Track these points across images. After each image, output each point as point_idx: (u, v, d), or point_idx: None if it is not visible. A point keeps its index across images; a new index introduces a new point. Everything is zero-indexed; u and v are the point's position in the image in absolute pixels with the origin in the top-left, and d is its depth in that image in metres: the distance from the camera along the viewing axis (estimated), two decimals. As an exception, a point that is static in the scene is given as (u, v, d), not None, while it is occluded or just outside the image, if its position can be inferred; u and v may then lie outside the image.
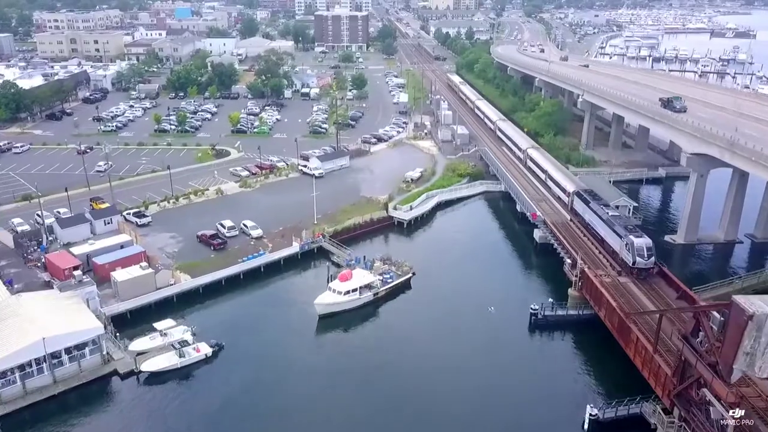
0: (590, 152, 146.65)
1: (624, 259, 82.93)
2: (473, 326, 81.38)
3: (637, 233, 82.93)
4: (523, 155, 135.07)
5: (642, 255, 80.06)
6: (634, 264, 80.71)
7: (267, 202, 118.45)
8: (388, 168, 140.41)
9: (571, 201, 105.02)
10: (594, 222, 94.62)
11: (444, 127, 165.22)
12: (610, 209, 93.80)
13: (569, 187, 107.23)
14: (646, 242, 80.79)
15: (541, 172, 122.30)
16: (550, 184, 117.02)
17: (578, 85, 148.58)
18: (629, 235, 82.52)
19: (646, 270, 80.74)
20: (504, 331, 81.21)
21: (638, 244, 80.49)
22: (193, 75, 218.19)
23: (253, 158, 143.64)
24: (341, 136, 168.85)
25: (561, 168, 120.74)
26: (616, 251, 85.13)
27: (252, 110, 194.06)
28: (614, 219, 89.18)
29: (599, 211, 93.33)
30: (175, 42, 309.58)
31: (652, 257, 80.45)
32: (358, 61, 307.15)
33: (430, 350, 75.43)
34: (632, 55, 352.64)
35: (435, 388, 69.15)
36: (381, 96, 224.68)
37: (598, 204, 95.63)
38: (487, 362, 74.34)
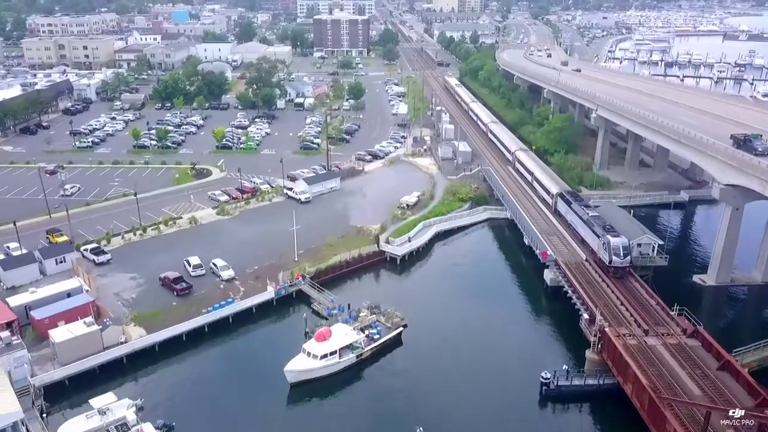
0: (604, 172, 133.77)
1: (601, 258, 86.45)
2: (474, 396, 68.68)
3: (614, 233, 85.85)
4: (512, 157, 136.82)
5: (618, 254, 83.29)
6: (611, 263, 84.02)
7: (244, 234, 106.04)
8: (383, 190, 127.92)
9: (555, 202, 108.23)
10: (575, 222, 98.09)
11: (445, 143, 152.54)
12: (590, 210, 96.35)
13: (553, 188, 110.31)
14: (622, 242, 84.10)
15: (528, 174, 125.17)
16: (536, 186, 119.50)
17: (591, 99, 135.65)
18: (606, 234, 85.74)
19: (622, 269, 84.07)
20: (510, 404, 68.40)
21: (614, 243, 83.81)
22: (181, 84, 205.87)
23: (237, 178, 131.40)
24: (334, 152, 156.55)
25: (547, 170, 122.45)
26: (595, 250, 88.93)
27: (241, 123, 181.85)
28: (593, 219, 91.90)
29: (580, 212, 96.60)
30: (167, 48, 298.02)
31: (627, 256, 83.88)
32: (358, 67, 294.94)
33: (423, 425, 62.54)
34: (643, 59, 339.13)
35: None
36: (380, 106, 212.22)
37: (579, 205, 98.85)
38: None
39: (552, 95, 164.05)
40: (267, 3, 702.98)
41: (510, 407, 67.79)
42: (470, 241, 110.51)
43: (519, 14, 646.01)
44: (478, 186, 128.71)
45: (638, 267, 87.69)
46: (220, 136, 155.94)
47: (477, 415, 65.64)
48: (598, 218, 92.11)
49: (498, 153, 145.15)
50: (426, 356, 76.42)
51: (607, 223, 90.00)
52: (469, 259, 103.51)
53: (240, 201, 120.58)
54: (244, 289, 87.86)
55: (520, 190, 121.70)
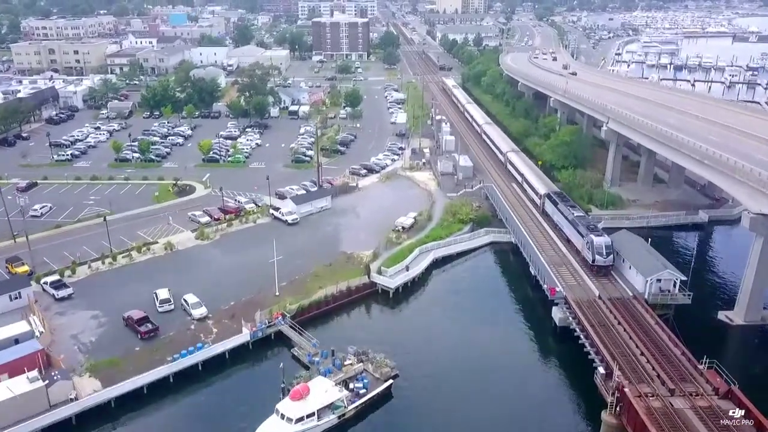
0: (616, 189, 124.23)
1: (585, 257, 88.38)
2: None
3: (598, 232, 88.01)
4: (504, 159, 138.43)
5: (601, 253, 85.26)
6: (594, 261, 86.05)
7: (223, 263, 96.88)
8: (377, 209, 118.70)
9: (543, 203, 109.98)
10: (561, 223, 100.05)
11: (444, 156, 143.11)
12: (576, 210, 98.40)
13: (541, 189, 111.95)
14: (605, 241, 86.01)
15: (519, 175, 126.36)
16: (525, 187, 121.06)
17: (602, 111, 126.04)
18: (590, 234, 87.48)
19: (605, 267, 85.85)
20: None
21: (597, 242, 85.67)
22: (170, 91, 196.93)
23: (223, 195, 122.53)
24: (328, 165, 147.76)
25: (536, 172, 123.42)
26: (579, 250, 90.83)
27: (231, 133, 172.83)
28: (578, 219, 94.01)
29: (565, 212, 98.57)
30: (161, 52, 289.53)
31: (610, 255, 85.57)
32: (357, 72, 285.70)
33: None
34: (652, 62, 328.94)
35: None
36: (378, 114, 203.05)
37: (565, 205, 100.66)
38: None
39: (559, 104, 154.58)
40: (268, 4, 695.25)
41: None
42: (471, 269, 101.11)
43: (523, 15, 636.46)
44: (479, 205, 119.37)
45: (658, 305, 78.39)
46: (206, 149, 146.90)
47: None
48: (583, 218, 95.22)
49: (503, 170, 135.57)
50: (418, 412, 67.20)
51: (591, 223, 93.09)
52: (469, 290, 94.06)
53: (223, 222, 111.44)
54: (217, 330, 78.73)
55: (525, 211, 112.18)
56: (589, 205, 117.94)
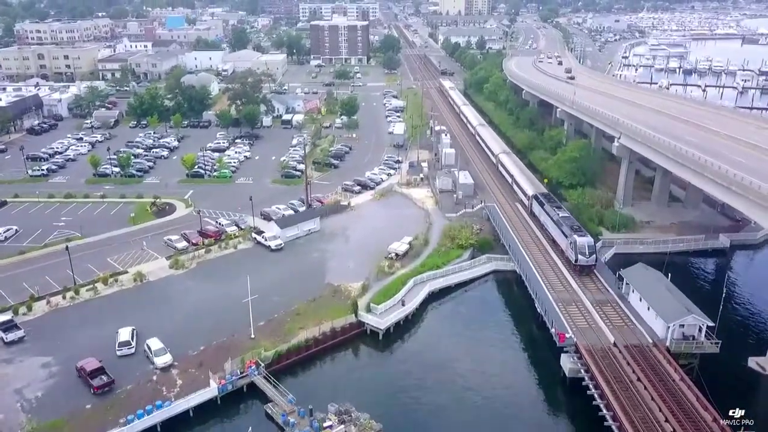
0: (628, 209, 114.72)
1: (568, 257, 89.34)
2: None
3: (581, 233, 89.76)
4: (495, 160, 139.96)
5: (583, 253, 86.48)
6: (576, 261, 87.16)
7: (197, 297, 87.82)
8: (370, 232, 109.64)
9: (530, 204, 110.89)
10: (547, 223, 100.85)
11: (444, 172, 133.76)
12: (561, 211, 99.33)
13: (529, 191, 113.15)
14: (588, 241, 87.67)
15: (509, 176, 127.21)
16: (515, 188, 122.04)
17: (613, 125, 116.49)
18: (573, 234, 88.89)
19: (588, 267, 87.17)
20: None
21: (580, 242, 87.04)
22: (158, 99, 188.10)
23: (205, 215, 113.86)
24: (320, 180, 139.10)
25: (526, 173, 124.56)
26: (563, 250, 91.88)
27: (219, 145, 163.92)
28: (563, 220, 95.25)
29: (551, 213, 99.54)
30: (153, 56, 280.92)
31: (593, 255, 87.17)
32: (356, 77, 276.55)
33: None
34: (660, 66, 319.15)
35: None
36: (375, 123, 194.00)
37: (551, 206, 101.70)
38: None
39: (566, 115, 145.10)
40: (270, 6, 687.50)
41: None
42: (470, 304, 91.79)
43: (528, 17, 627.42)
44: (480, 227, 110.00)
45: (681, 354, 69.05)
46: (189, 164, 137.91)
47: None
48: (568, 219, 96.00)
49: (506, 188, 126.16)
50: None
51: (575, 223, 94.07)
52: (467, 330, 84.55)
53: (201, 247, 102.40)
54: (181, 381, 69.68)
55: (530, 236, 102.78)
56: (599, 227, 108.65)
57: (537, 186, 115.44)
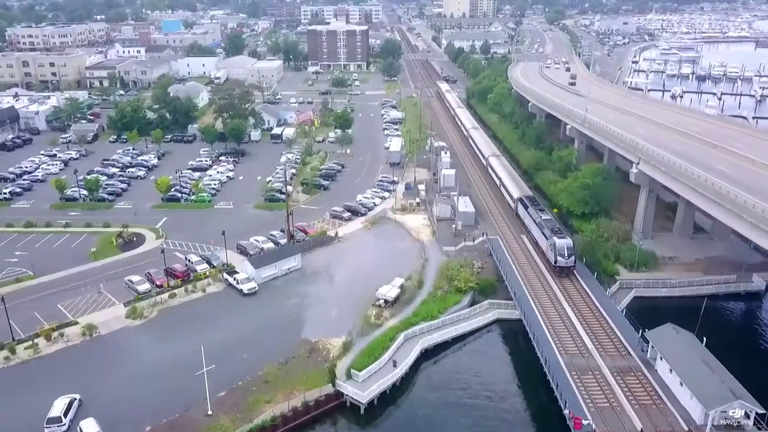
0: (648, 243, 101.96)
1: (549, 258, 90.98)
2: None
3: (561, 235, 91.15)
4: (485, 162, 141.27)
5: (563, 254, 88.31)
6: (556, 263, 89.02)
7: (152, 356, 75.92)
8: (357, 270, 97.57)
9: (516, 207, 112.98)
10: (531, 226, 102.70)
11: (442, 198, 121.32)
12: (543, 214, 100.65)
13: (515, 193, 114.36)
14: (567, 243, 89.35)
15: (497, 178, 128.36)
16: (503, 191, 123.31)
17: (631, 149, 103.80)
18: (553, 236, 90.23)
19: (567, 268, 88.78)
20: None
21: (559, 244, 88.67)
22: (140, 112, 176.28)
23: (178, 248, 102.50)
24: (308, 204, 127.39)
25: (513, 176, 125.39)
26: (544, 251, 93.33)
27: (201, 163, 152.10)
28: (545, 222, 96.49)
29: (534, 216, 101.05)
30: (143, 63, 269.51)
31: (572, 257, 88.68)
32: (354, 84, 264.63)
33: None
34: (672, 72, 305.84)
35: None
36: (372, 136, 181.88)
37: (534, 209, 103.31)
38: None
39: (576, 132, 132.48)
40: (271, 8, 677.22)
41: None
42: (470, 364, 79.28)
43: (534, 18, 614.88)
44: (482, 265, 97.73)
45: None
46: (164, 188, 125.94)
47: None
48: (550, 221, 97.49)
49: (511, 217, 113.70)
50: None
51: (556, 226, 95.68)
52: (467, 398, 72.12)
53: (165, 290, 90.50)
54: (117, 478, 57.63)
55: (538, 279, 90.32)
56: (616, 265, 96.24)
57: (523, 189, 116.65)
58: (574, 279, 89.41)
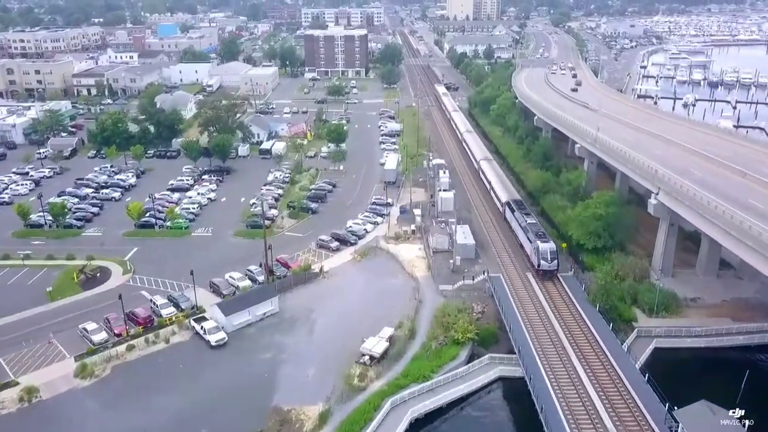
0: (668, 282, 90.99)
1: (532, 262, 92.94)
2: None
3: (545, 239, 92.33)
4: (477, 166, 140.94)
5: (545, 258, 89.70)
6: (539, 266, 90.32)
7: (98, 430, 65.19)
8: (342, 315, 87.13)
9: (504, 211, 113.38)
10: (516, 229, 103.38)
11: (439, 228, 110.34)
12: (529, 218, 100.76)
13: (503, 197, 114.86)
14: (551, 247, 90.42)
15: (487, 182, 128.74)
16: (492, 195, 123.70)
17: (650, 178, 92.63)
18: (537, 240, 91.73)
19: (550, 271, 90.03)
20: None
21: (543, 248, 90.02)
22: (122, 125, 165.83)
23: (148, 284, 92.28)
24: (293, 230, 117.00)
25: (503, 180, 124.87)
26: (528, 255, 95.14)
27: (181, 183, 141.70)
28: (529, 226, 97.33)
29: (519, 219, 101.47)
30: (132, 70, 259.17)
31: (555, 260, 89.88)
32: (352, 92, 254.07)
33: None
34: (683, 78, 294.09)
35: None
36: (367, 150, 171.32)
37: (520, 213, 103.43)
38: None
39: (586, 152, 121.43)
40: (272, 11, 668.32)
41: None
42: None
43: (538, 20, 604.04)
44: (483, 309, 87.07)
45: None
46: (136, 214, 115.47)
47: None
48: (535, 225, 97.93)
49: (518, 252, 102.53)
50: None
51: (540, 230, 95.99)
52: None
53: (124, 341, 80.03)
54: None
55: (546, 330, 79.23)
56: (633, 309, 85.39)
57: (511, 193, 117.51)
58: (586, 329, 78.48)
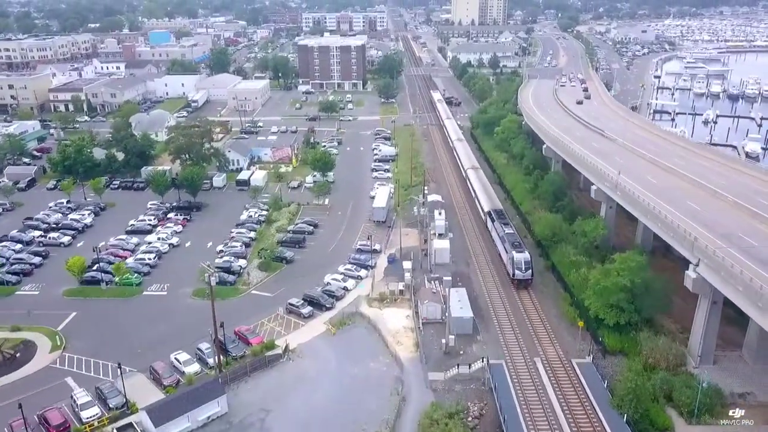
0: (708, 371, 73.52)
1: (508, 271, 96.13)
2: None
3: (520, 249, 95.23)
4: (464, 174, 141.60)
5: (520, 268, 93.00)
6: (514, 276, 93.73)
7: None
8: (304, 423, 69.80)
9: (486, 220, 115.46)
10: (496, 239, 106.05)
11: (431, 293, 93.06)
12: (507, 228, 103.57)
13: (485, 206, 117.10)
14: (525, 257, 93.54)
15: (473, 191, 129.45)
16: (476, 204, 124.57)
17: (689, 247, 74.86)
18: (513, 250, 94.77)
19: (524, 281, 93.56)
20: None
21: (517, 258, 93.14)
22: (86, 152, 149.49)
23: (74, 370, 76.56)
24: (261, 288, 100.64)
25: (487, 189, 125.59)
26: (505, 264, 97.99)
27: (144, 224, 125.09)
28: (507, 236, 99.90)
29: (498, 229, 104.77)
30: (113, 84, 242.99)
31: (529, 270, 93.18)
32: (347, 107, 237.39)
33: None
34: (700, 90, 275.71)
35: None
36: (357, 179, 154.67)
37: (499, 223, 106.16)
38: None
39: (604, 196, 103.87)
40: (274, 15, 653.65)
41: None
42: None
43: (546, 24, 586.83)
44: (481, 411, 70.13)
45: None
46: (77, 269, 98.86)
47: None
48: (512, 235, 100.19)
49: (524, 330, 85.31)
50: None
51: (517, 240, 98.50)
52: None
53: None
54: None
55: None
56: (668, 411, 68.13)
57: (494, 203, 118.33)
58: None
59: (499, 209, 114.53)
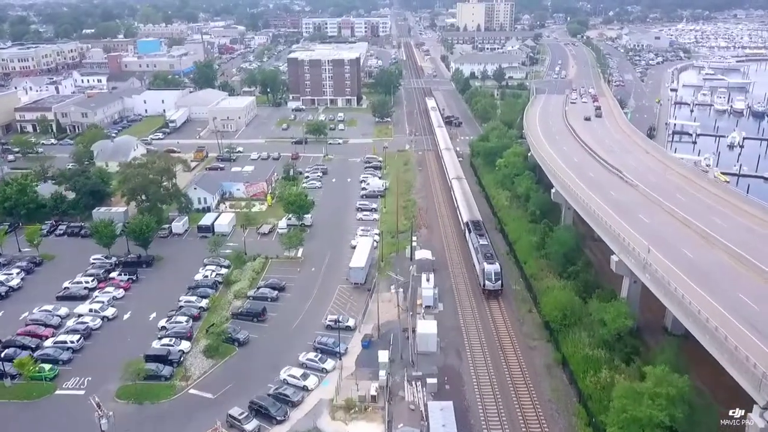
0: None
1: (479, 282, 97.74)
2: None
3: (491, 260, 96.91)
4: (449, 183, 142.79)
5: (490, 279, 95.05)
6: (484, 286, 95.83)
7: None
8: None
9: (464, 230, 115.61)
10: (471, 250, 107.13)
11: (408, 407, 73.56)
12: (482, 239, 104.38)
13: (465, 216, 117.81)
14: (495, 268, 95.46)
15: (455, 200, 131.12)
16: (458, 213, 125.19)
17: (751, 381, 55.21)
18: (484, 261, 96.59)
19: (494, 291, 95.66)
20: None
21: (488, 270, 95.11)
22: (29, 192, 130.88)
23: None
24: (200, 386, 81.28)
25: (468, 199, 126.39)
26: (478, 274, 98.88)
27: (78, 288, 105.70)
28: (480, 248, 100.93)
29: (473, 240, 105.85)
30: (85, 103, 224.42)
31: (499, 281, 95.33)
32: (338, 128, 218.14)
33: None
34: (721, 107, 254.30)
35: None
36: (338, 222, 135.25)
37: (475, 234, 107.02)
38: None
39: (628, 271, 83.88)
40: (275, 20, 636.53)
41: None
42: None
43: (554, 29, 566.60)
44: None
45: None
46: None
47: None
48: (485, 246, 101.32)
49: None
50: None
51: (489, 251, 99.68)
52: None
53: None
54: None
55: None
56: None
57: (473, 213, 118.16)
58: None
59: (476, 220, 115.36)
